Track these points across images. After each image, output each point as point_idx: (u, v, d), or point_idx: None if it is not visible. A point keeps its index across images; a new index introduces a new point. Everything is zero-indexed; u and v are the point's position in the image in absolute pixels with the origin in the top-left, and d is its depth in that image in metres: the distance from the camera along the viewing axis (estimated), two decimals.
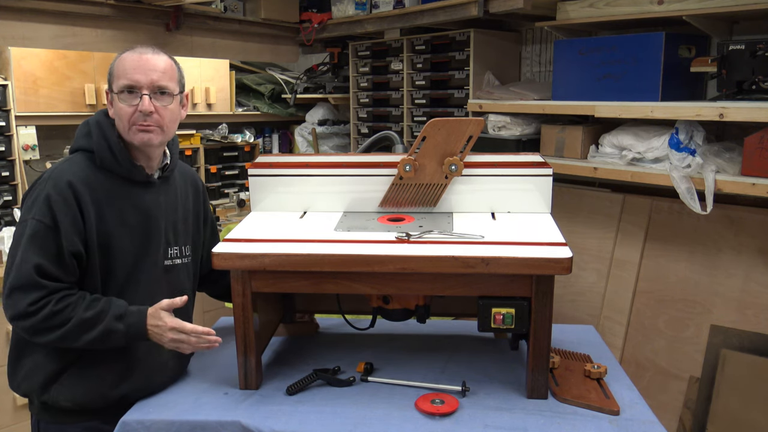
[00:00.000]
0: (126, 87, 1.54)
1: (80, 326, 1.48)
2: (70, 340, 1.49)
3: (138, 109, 1.54)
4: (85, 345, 1.50)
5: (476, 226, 1.71)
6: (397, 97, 3.60)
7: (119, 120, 1.57)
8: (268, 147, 4.44)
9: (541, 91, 2.93)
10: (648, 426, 1.48)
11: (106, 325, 1.49)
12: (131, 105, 1.54)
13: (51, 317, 1.46)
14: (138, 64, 1.55)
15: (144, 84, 1.54)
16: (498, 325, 1.54)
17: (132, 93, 1.55)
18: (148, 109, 1.54)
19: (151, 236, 1.62)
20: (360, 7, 3.65)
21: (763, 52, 2.15)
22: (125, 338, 1.52)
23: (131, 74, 1.54)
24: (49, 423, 1.62)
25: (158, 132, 1.58)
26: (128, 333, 1.51)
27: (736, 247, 2.52)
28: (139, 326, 1.52)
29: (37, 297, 1.46)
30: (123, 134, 1.58)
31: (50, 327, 1.47)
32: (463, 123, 1.78)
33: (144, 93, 1.54)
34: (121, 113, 1.55)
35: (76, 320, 1.47)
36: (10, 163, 3.06)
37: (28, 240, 1.48)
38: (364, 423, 1.49)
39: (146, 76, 1.55)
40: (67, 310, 1.47)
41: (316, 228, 1.73)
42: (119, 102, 1.55)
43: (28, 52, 3.11)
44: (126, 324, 1.51)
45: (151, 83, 1.55)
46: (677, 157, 2.35)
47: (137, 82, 1.54)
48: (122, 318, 1.51)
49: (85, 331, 1.48)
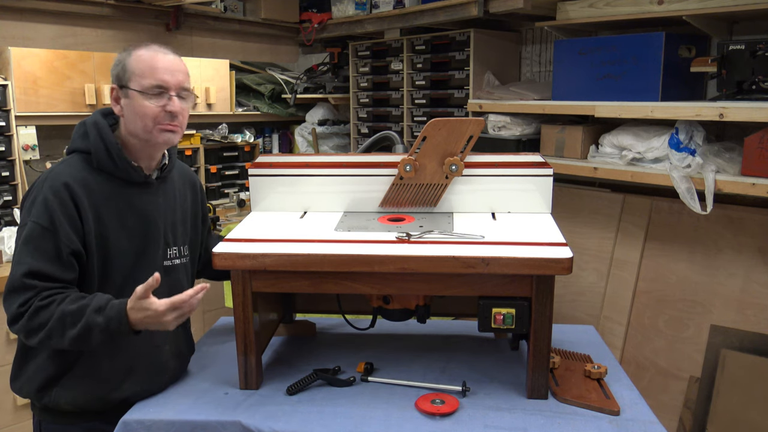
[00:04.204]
0: (154, 87, 1.54)
1: (62, 321, 1.42)
2: (56, 338, 1.43)
3: (167, 109, 1.55)
4: (71, 344, 1.44)
5: (476, 226, 1.71)
6: (397, 97, 3.60)
7: (140, 119, 1.55)
8: (268, 147, 4.44)
9: (541, 91, 2.93)
10: (648, 426, 1.48)
11: (87, 320, 1.42)
12: (158, 105, 1.55)
13: (36, 314, 1.43)
14: (165, 65, 1.56)
15: (172, 85, 1.56)
16: (498, 325, 1.54)
17: (159, 93, 1.55)
18: (179, 110, 1.57)
19: (149, 237, 1.62)
20: (360, 7, 3.65)
21: (763, 52, 2.15)
22: (106, 332, 1.42)
23: (161, 74, 1.54)
24: (51, 424, 1.62)
25: (179, 132, 1.61)
26: (108, 327, 1.42)
27: (736, 247, 2.52)
28: (118, 319, 1.42)
29: (27, 297, 1.44)
30: (142, 133, 1.57)
31: (37, 325, 1.43)
32: (464, 123, 1.78)
33: (172, 94, 1.56)
34: (146, 111, 1.54)
35: (59, 314, 1.42)
36: (10, 163, 3.06)
37: (23, 243, 1.48)
38: (364, 423, 1.49)
39: (174, 77, 1.56)
40: (51, 306, 1.43)
41: (316, 228, 1.73)
42: (145, 101, 1.54)
43: (28, 52, 3.11)
44: (106, 317, 1.42)
45: (178, 84, 1.57)
46: (677, 157, 2.35)
47: (166, 83, 1.55)
48: (101, 311, 1.43)
49: (68, 327, 1.42)
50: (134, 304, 1.43)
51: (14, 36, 3.16)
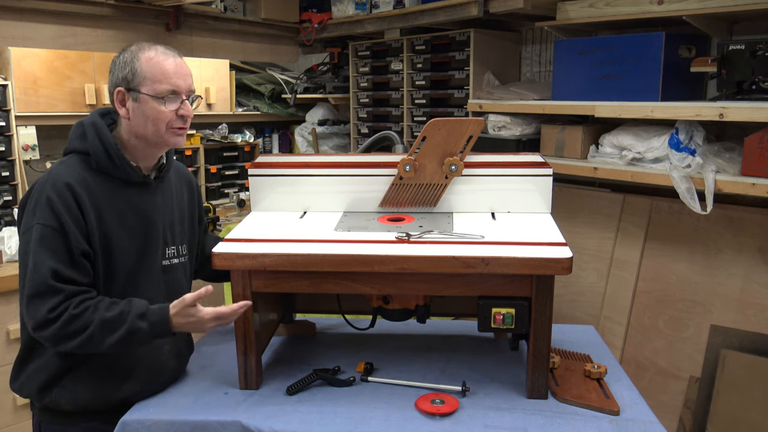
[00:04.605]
0: (170, 92, 1.55)
1: (103, 328, 1.45)
2: (94, 343, 1.46)
3: (180, 113, 1.58)
4: (109, 348, 1.47)
5: (476, 226, 1.71)
6: (397, 97, 3.60)
7: (152, 123, 1.56)
8: (268, 147, 4.44)
9: (541, 91, 2.93)
10: (648, 426, 1.48)
11: (130, 325, 1.46)
12: (172, 109, 1.57)
13: (71, 321, 1.44)
14: (176, 69, 1.57)
15: (184, 89, 1.58)
16: (498, 325, 1.54)
17: (175, 98, 1.57)
18: (191, 114, 1.60)
19: (149, 237, 1.62)
20: (360, 7, 3.65)
21: (763, 52, 2.15)
22: (150, 336, 1.49)
23: (174, 79, 1.56)
24: (51, 424, 1.62)
25: (186, 134, 1.65)
26: (152, 331, 1.48)
27: (736, 247, 2.52)
28: (162, 324, 1.49)
29: (56, 303, 1.44)
30: (153, 137, 1.57)
31: (72, 332, 1.44)
32: (463, 123, 1.78)
33: (185, 98, 1.59)
34: (160, 116, 1.55)
35: (98, 322, 1.45)
36: (10, 163, 3.05)
37: (37, 245, 1.46)
38: (364, 423, 1.49)
39: (185, 81, 1.59)
40: (86, 313, 1.45)
41: (316, 228, 1.73)
42: (159, 105, 1.55)
43: (28, 52, 3.11)
44: (149, 322, 1.48)
45: (188, 88, 1.60)
46: (677, 157, 2.35)
47: (179, 87, 1.57)
48: (144, 316, 1.48)
49: (108, 334, 1.46)
50: (180, 310, 1.50)
51: (14, 36, 3.16)
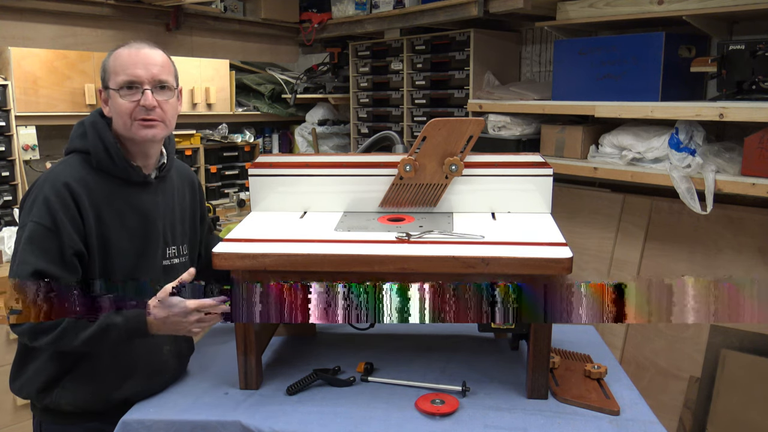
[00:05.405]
0: (126, 83, 1.52)
1: (76, 323, 1.43)
2: (67, 339, 1.44)
3: (141, 103, 1.52)
4: (83, 344, 1.45)
5: (476, 226, 1.71)
6: (397, 97, 3.60)
7: (119, 117, 1.54)
8: (268, 147, 4.44)
9: (541, 91, 2.93)
10: (648, 426, 1.48)
11: (104, 320, 1.43)
12: (132, 101, 1.52)
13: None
14: (137, 59, 1.53)
15: (145, 79, 1.53)
16: (498, 325, 1.54)
17: (132, 88, 1.53)
18: (152, 104, 1.52)
19: (149, 237, 1.61)
20: (360, 7, 3.65)
21: (763, 52, 2.15)
22: (125, 332, 1.45)
23: (131, 69, 1.52)
24: (51, 424, 1.62)
25: (162, 127, 1.57)
26: (127, 325, 1.45)
27: (736, 247, 2.52)
28: (138, 318, 1.45)
29: None
30: (123, 131, 1.55)
31: (48, 327, 1.43)
32: (464, 123, 1.78)
33: (146, 88, 1.53)
34: (122, 109, 1.53)
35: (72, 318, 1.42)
36: (10, 163, 3.06)
37: (25, 243, 1.46)
38: (364, 423, 1.49)
39: (147, 71, 1.53)
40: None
41: (316, 228, 1.73)
42: (119, 98, 1.52)
43: (28, 52, 3.11)
44: (124, 317, 1.45)
45: (152, 77, 1.53)
46: (677, 157, 2.35)
47: (138, 77, 1.52)
48: (120, 311, 1.44)
49: (81, 329, 1.43)
50: (162, 300, 1.45)
51: (14, 36, 3.16)
